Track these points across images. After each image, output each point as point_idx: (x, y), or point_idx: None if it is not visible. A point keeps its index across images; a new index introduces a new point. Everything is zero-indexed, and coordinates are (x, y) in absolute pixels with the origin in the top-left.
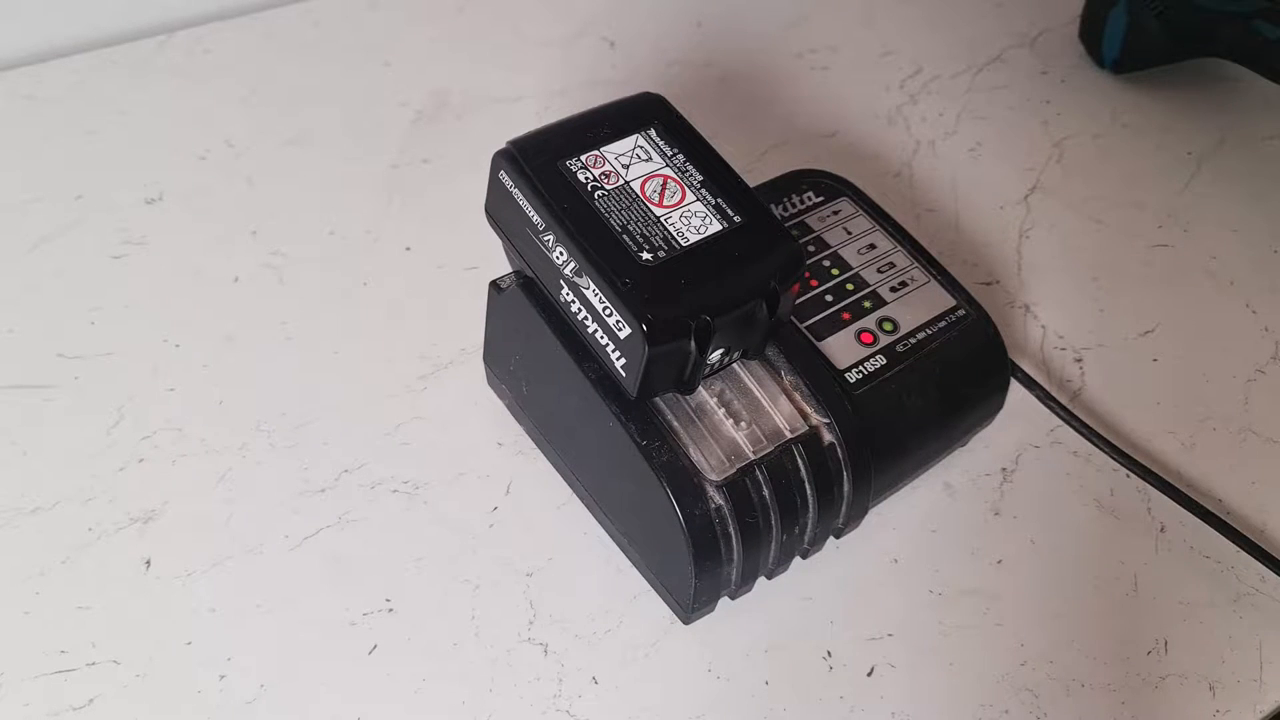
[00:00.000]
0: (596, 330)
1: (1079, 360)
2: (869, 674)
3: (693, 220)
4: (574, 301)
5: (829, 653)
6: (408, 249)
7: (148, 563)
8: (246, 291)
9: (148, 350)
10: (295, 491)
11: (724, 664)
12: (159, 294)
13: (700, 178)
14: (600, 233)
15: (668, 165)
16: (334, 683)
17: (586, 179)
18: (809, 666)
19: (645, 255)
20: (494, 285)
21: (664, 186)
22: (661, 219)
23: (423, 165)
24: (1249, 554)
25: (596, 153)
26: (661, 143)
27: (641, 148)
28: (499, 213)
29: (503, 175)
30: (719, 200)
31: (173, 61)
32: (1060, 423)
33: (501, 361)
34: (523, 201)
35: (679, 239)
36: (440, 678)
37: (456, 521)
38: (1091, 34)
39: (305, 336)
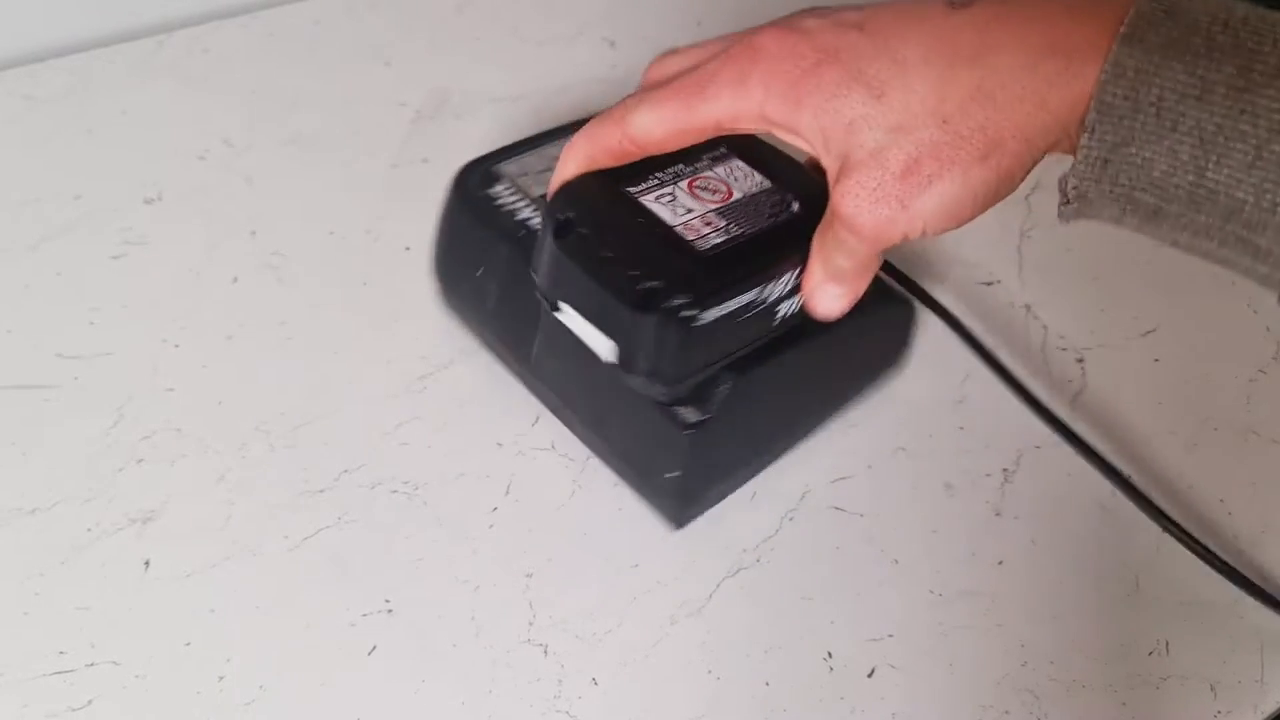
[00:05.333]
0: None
1: (1080, 360)
2: (869, 674)
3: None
4: None
5: (829, 653)
6: (408, 249)
7: (147, 563)
8: (246, 291)
9: (147, 350)
10: (295, 491)
11: (724, 664)
12: (159, 294)
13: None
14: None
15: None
16: (334, 683)
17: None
18: (809, 666)
19: None
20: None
21: None
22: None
23: (423, 165)
24: (1240, 587)
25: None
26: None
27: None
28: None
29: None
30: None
31: (173, 61)
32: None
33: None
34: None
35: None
36: (440, 678)
37: (456, 521)
38: None
39: (305, 336)
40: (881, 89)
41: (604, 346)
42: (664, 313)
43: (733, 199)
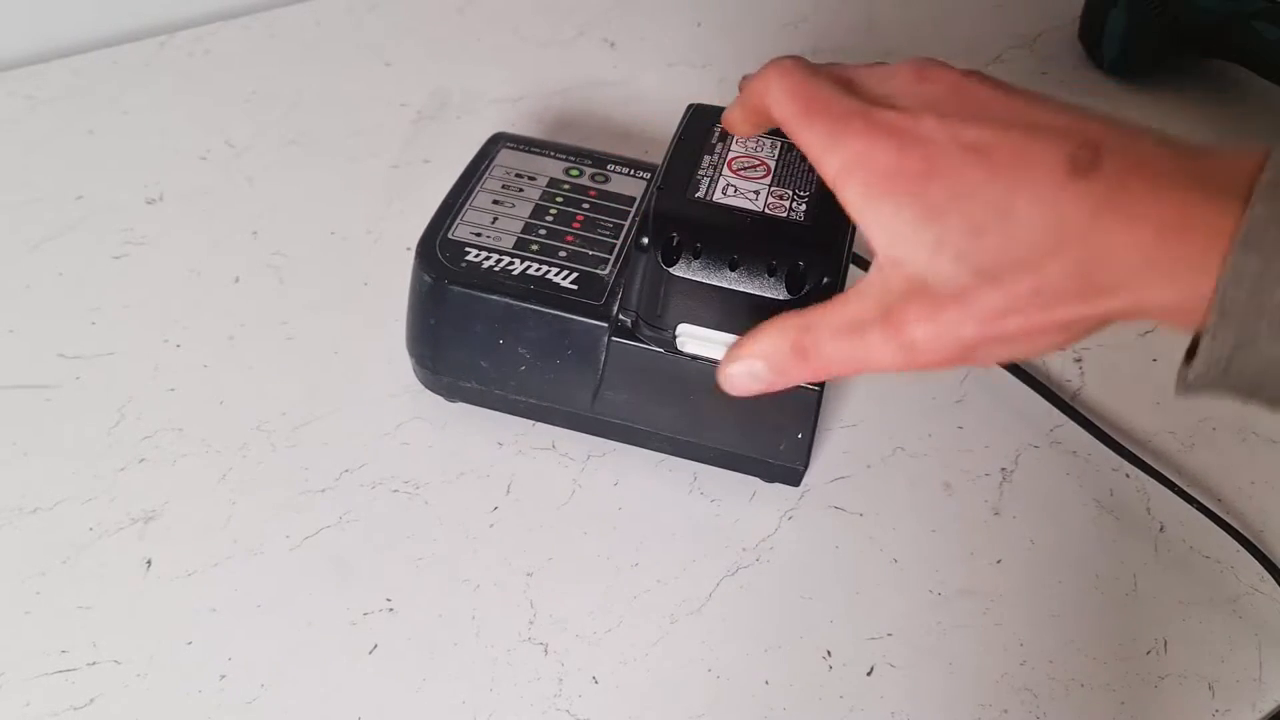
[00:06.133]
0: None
1: (1078, 360)
2: (869, 674)
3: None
4: None
5: (829, 652)
6: (408, 249)
7: (148, 563)
8: (247, 291)
9: (148, 350)
10: (296, 491)
11: (724, 664)
12: (160, 294)
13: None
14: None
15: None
16: (334, 683)
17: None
18: (809, 666)
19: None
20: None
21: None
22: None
23: (423, 165)
24: (1248, 552)
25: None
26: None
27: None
28: None
29: None
30: None
31: (173, 61)
32: (1060, 423)
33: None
34: None
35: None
36: (440, 678)
37: (456, 521)
38: (1091, 34)
39: (305, 336)
40: (982, 228)
41: None
42: (818, 289)
43: (773, 168)
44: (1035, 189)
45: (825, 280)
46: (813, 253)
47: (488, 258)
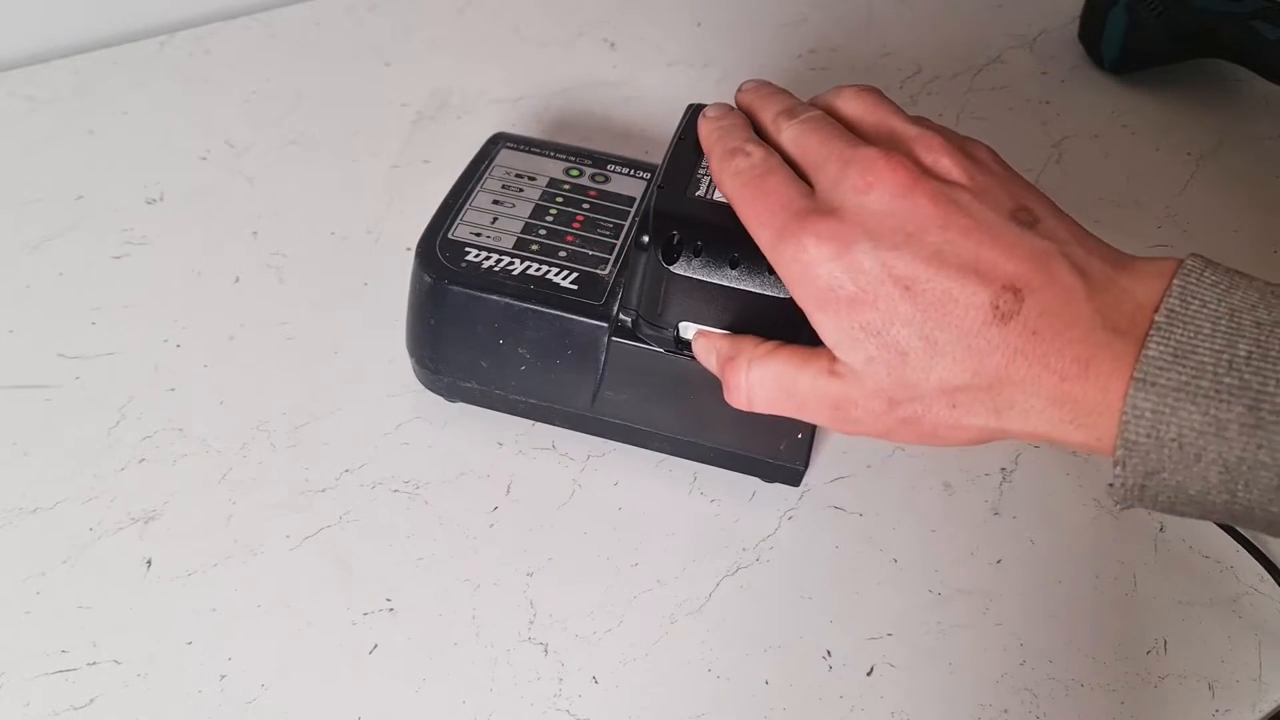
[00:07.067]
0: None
1: None
2: (869, 674)
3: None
4: None
5: (829, 652)
6: (408, 249)
7: (148, 563)
8: (247, 291)
9: (148, 350)
10: (296, 491)
11: (724, 664)
12: (160, 294)
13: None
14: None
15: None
16: (334, 683)
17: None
18: (809, 666)
19: None
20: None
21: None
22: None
23: (423, 165)
24: (1248, 552)
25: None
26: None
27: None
28: None
29: None
30: None
31: (173, 61)
32: None
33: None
34: None
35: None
36: (440, 678)
37: (456, 521)
38: (1091, 34)
39: (305, 336)
40: (907, 352)
41: None
42: None
43: None
44: (958, 329)
45: None
46: None
47: (488, 258)
